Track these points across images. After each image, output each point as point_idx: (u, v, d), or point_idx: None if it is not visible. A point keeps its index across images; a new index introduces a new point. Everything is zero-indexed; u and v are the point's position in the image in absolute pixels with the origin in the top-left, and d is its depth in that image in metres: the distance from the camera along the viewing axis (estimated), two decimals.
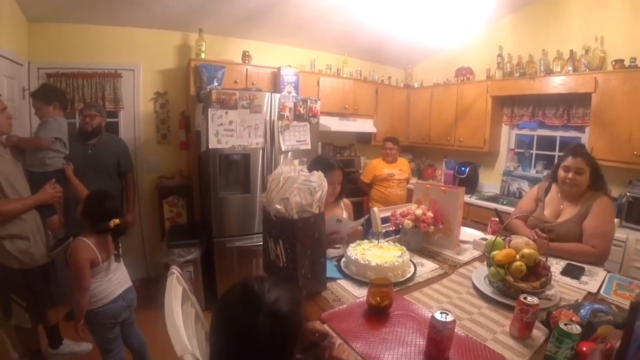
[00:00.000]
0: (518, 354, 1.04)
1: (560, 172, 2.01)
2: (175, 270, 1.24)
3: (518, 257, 1.38)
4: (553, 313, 1.13)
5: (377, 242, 1.79)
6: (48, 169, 2.33)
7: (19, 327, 2.11)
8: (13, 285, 2.04)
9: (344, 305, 1.31)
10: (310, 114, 3.26)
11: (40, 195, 2.08)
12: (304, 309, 0.89)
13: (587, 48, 3.29)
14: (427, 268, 1.70)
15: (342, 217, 2.00)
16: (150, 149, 3.62)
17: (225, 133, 2.86)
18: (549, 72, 3.53)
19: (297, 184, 1.33)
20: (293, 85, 3.61)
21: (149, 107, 3.58)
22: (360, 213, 2.25)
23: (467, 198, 3.80)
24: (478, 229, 2.35)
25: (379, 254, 1.62)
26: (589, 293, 1.47)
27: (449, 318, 0.98)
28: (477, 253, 1.92)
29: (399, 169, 4.19)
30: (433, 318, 1.00)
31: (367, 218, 2.16)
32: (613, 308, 1.15)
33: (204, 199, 3.31)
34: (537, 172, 3.92)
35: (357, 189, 4.34)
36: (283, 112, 3.09)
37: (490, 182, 4.37)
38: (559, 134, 3.82)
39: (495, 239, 1.50)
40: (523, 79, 3.72)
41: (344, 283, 1.50)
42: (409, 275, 1.55)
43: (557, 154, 3.82)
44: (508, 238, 1.56)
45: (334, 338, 0.98)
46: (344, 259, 1.65)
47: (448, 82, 4.59)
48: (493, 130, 4.12)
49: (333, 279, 1.52)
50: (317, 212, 1.35)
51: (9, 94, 2.67)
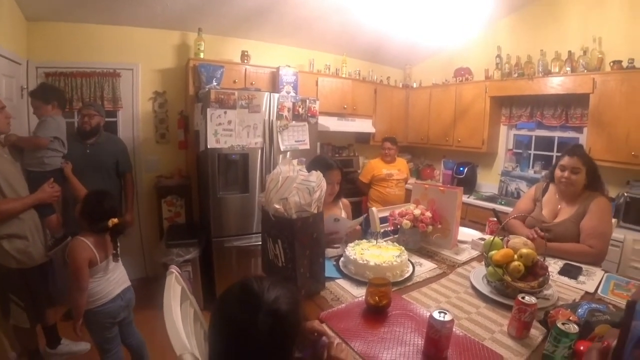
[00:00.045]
0: (516, 354, 1.05)
1: (557, 171, 2.02)
2: (174, 270, 1.24)
3: (516, 257, 1.39)
4: (551, 312, 1.13)
5: (375, 241, 1.79)
6: (46, 168, 2.33)
7: (17, 326, 2.10)
8: (11, 285, 2.03)
9: (343, 305, 1.31)
10: (309, 114, 3.26)
11: (39, 195, 2.08)
12: (303, 308, 0.89)
13: (585, 49, 3.30)
14: (425, 268, 1.70)
15: (340, 216, 2.01)
16: (149, 149, 3.62)
17: (224, 133, 2.86)
18: (547, 72, 3.54)
19: (296, 184, 1.33)
20: (292, 85, 3.61)
21: (148, 106, 3.57)
22: (359, 213, 2.25)
23: (465, 198, 3.80)
24: (476, 229, 2.35)
25: (378, 254, 1.62)
26: (587, 293, 1.47)
27: (447, 317, 0.99)
28: (475, 253, 1.92)
29: (398, 169, 4.18)
30: (431, 317, 1.00)
31: (365, 217, 2.16)
32: (610, 308, 1.15)
33: (203, 199, 3.31)
34: (535, 172, 3.93)
35: (355, 189, 4.34)
36: (282, 112, 3.09)
37: (489, 182, 4.37)
38: (557, 135, 3.83)
39: (494, 239, 1.51)
40: (521, 80, 3.73)
41: (343, 283, 1.51)
42: (408, 275, 1.55)
43: (555, 155, 3.83)
44: (506, 238, 1.57)
45: (332, 337, 0.98)
46: (343, 259, 1.65)
47: (447, 82, 4.60)
48: (491, 131, 4.13)
49: (332, 279, 1.53)
50: (315, 211, 1.35)
51: (7, 93, 2.67)
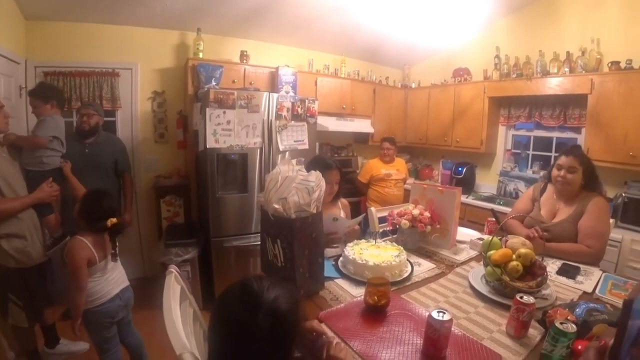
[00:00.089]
0: (514, 353, 1.05)
1: (554, 170, 2.04)
2: (174, 269, 1.24)
3: (514, 256, 1.39)
4: (549, 312, 1.14)
5: (374, 241, 1.79)
6: (45, 168, 2.33)
7: (16, 326, 2.10)
8: (10, 285, 2.02)
9: (342, 305, 1.32)
10: (308, 114, 3.26)
11: (38, 194, 2.07)
12: (302, 308, 0.89)
13: (583, 50, 3.31)
14: (424, 268, 1.70)
15: (338, 216, 2.01)
16: (148, 148, 3.61)
17: (223, 132, 2.86)
18: (546, 73, 3.55)
19: (295, 184, 1.33)
20: (291, 85, 3.62)
21: (147, 106, 3.57)
22: (358, 213, 2.24)
23: (463, 198, 3.80)
24: (475, 229, 2.35)
25: (377, 254, 1.62)
26: (585, 292, 1.48)
27: (446, 317, 0.99)
28: (473, 253, 1.93)
29: (396, 169, 4.19)
30: (430, 317, 1.01)
31: (363, 217, 2.17)
32: (608, 307, 1.16)
33: (202, 199, 3.31)
34: (533, 172, 3.94)
35: (354, 189, 4.34)
36: (281, 111, 3.09)
37: (487, 182, 4.38)
38: (556, 135, 3.85)
39: (492, 239, 1.52)
40: (520, 80, 3.74)
41: (342, 282, 1.51)
42: (406, 275, 1.56)
43: (553, 155, 3.84)
44: (504, 238, 1.58)
45: (331, 337, 0.99)
46: (342, 259, 1.66)
47: (445, 82, 4.60)
48: (490, 131, 4.13)
49: (331, 279, 1.53)
50: (315, 211, 1.36)
51: (6, 93, 2.66)
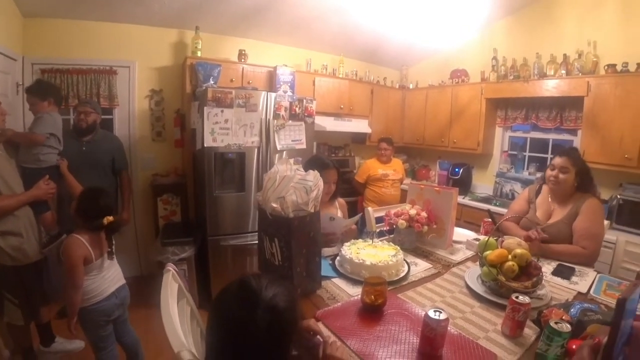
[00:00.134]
0: (510, 352, 1.06)
1: (548, 170, 2.06)
2: (171, 268, 1.24)
3: (510, 257, 1.40)
4: (544, 312, 1.15)
5: (371, 241, 1.80)
6: (42, 165, 2.31)
7: (11, 324, 2.09)
8: (5, 282, 2.02)
9: (339, 304, 1.32)
10: (306, 114, 3.26)
11: (34, 192, 2.06)
12: (300, 306, 0.90)
13: (580, 52, 3.33)
14: (420, 267, 1.71)
15: (335, 215, 2.01)
16: (145, 147, 3.60)
17: (221, 131, 2.86)
18: (543, 75, 3.57)
19: (293, 183, 1.34)
20: (289, 85, 3.62)
21: (144, 104, 3.56)
22: (355, 213, 2.25)
23: (460, 199, 3.82)
24: (471, 230, 2.36)
25: (373, 253, 1.63)
26: (579, 293, 1.49)
27: (442, 316, 1.00)
28: (470, 253, 1.94)
29: (393, 170, 4.20)
30: (427, 316, 1.01)
31: (360, 217, 2.17)
32: (602, 307, 1.17)
33: (199, 197, 3.30)
34: (529, 174, 3.96)
35: (351, 189, 4.35)
36: (279, 111, 3.09)
37: (484, 183, 4.40)
38: (552, 137, 3.87)
39: (488, 239, 1.52)
40: (517, 82, 3.75)
41: (339, 282, 1.51)
42: (403, 275, 1.56)
43: (549, 157, 3.86)
44: (500, 238, 1.59)
45: (327, 337, 0.99)
46: (339, 258, 1.66)
47: (443, 83, 4.62)
48: (487, 132, 4.15)
49: (328, 278, 1.53)
50: (312, 211, 1.36)
51: (3, 90, 2.66)
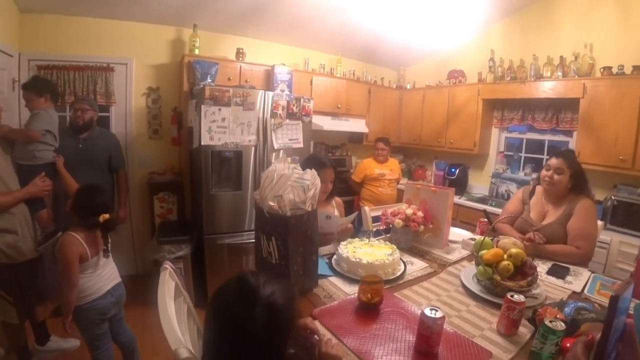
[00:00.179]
0: (505, 350, 1.07)
1: (543, 170, 2.08)
2: (168, 266, 1.24)
3: (505, 256, 1.42)
4: (539, 311, 1.16)
5: (367, 240, 1.81)
6: (38, 162, 2.30)
7: (6, 322, 2.07)
8: (0, 280, 2.00)
9: (335, 302, 1.33)
10: (303, 113, 3.26)
11: (30, 189, 2.05)
12: (298, 304, 0.90)
13: (576, 54, 3.36)
14: (416, 266, 1.72)
15: (332, 213, 2.02)
16: (142, 145, 3.59)
17: (218, 130, 2.85)
18: (539, 77, 3.59)
19: (290, 182, 1.34)
20: (286, 84, 3.61)
21: (141, 102, 3.54)
22: (351, 212, 2.25)
23: (456, 199, 3.83)
24: (467, 230, 2.38)
25: (370, 252, 1.64)
26: (574, 292, 1.51)
27: (439, 314, 1.01)
28: (465, 252, 1.95)
29: (390, 169, 4.21)
30: (423, 314, 1.02)
31: (357, 216, 2.18)
32: (596, 306, 1.19)
33: (195, 196, 3.30)
34: (525, 174, 3.98)
35: (348, 188, 4.36)
36: (276, 110, 3.09)
37: (480, 183, 4.42)
38: (548, 138, 3.89)
39: (484, 239, 1.54)
40: (514, 83, 3.77)
41: (335, 280, 1.52)
42: (399, 273, 1.57)
43: (545, 157, 3.88)
44: (496, 238, 1.60)
45: (322, 335, 0.99)
46: (335, 257, 1.67)
47: (440, 84, 4.63)
48: (483, 133, 4.17)
49: (324, 276, 1.54)
50: (310, 209, 1.37)
51: None
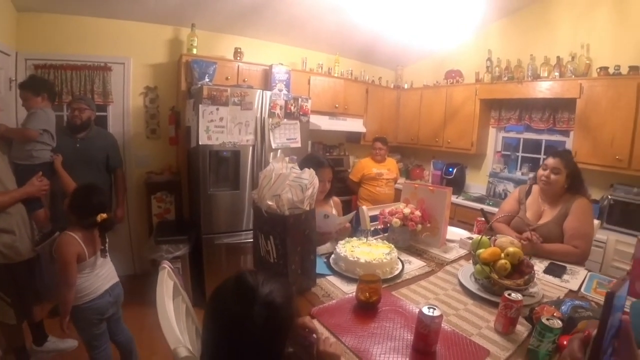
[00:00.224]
0: (502, 348, 1.08)
1: (540, 170, 2.09)
2: (167, 265, 1.24)
3: (503, 255, 1.42)
4: (536, 309, 1.16)
5: (365, 239, 1.81)
6: (35, 162, 2.29)
7: (3, 323, 2.06)
8: None
9: (334, 301, 1.33)
10: (301, 113, 3.26)
11: (27, 189, 2.04)
12: (296, 302, 0.90)
13: (573, 55, 3.37)
14: (414, 265, 1.73)
15: (330, 213, 2.02)
16: (139, 144, 3.58)
17: (216, 129, 2.85)
18: (536, 77, 3.61)
19: (288, 181, 1.34)
20: (284, 83, 3.61)
21: (139, 101, 3.53)
22: (349, 211, 2.25)
23: (454, 198, 3.85)
24: (464, 229, 2.38)
25: (368, 251, 1.64)
26: (570, 291, 1.52)
27: (436, 313, 1.01)
28: (463, 251, 1.96)
29: (387, 169, 4.22)
30: (421, 313, 1.02)
31: (355, 215, 2.18)
32: (593, 305, 1.20)
33: (193, 195, 3.29)
34: (522, 174, 4.00)
35: (345, 188, 4.36)
36: (274, 109, 3.08)
37: (477, 183, 4.43)
38: (545, 138, 3.91)
39: (481, 238, 1.54)
40: (511, 83, 3.79)
41: (333, 279, 1.52)
42: (397, 272, 1.58)
43: (542, 157, 3.90)
44: (493, 237, 1.61)
45: (320, 334, 1.00)
46: (333, 256, 1.67)
47: (438, 84, 4.64)
48: (480, 133, 4.18)
49: (322, 275, 1.54)
50: (308, 208, 1.37)
51: None
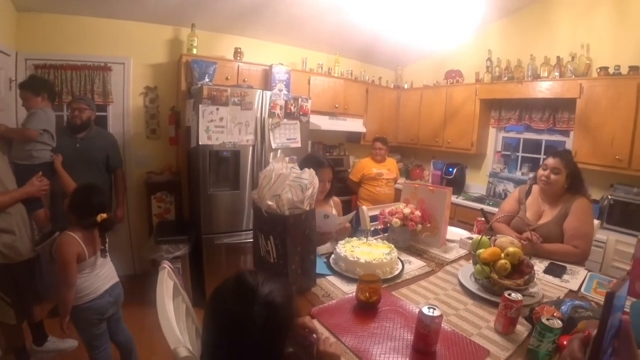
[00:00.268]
0: (502, 348, 1.08)
1: (540, 170, 2.09)
2: (167, 265, 1.24)
3: (503, 255, 1.42)
4: (536, 309, 1.16)
5: (365, 239, 1.81)
6: (35, 162, 2.29)
7: (3, 323, 2.06)
8: None
9: (334, 301, 1.33)
10: (301, 112, 3.26)
11: (27, 189, 2.04)
12: (296, 302, 0.90)
13: (573, 55, 3.37)
14: (414, 265, 1.73)
15: (330, 213, 2.02)
16: (139, 144, 3.58)
17: (216, 129, 2.85)
18: (536, 77, 3.61)
19: (288, 181, 1.34)
20: (284, 83, 3.61)
21: (139, 101, 3.53)
22: (349, 211, 2.26)
23: (454, 198, 3.85)
24: (464, 229, 2.38)
25: (368, 251, 1.64)
26: (570, 291, 1.52)
27: (436, 313, 1.01)
28: (463, 252, 1.96)
29: (388, 169, 4.22)
30: (421, 312, 1.02)
31: (355, 215, 2.18)
32: (593, 305, 1.19)
33: (193, 195, 3.29)
34: (522, 174, 4.00)
35: (345, 188, 4.36)
36: (274, 109, 3.08)
37: (477, 183, 4.43)
38: (545, 138, 3.91)
39: (481, 238, 1.54)
40: (511, 83, 3.79)
41: (333, 279, 1.52)
42: (397, 272, 1.58)
43: (542, 157, 3.90)
44: (493, 237, 1.61)
45: (320, 334, 1.00)
46: (333, 256, 1.67)
47: (438, 84, 4.64)
48: (480, 133, 4.18)
49: (322, 275, 1.54)
50: (308, 208, 1.37)
51: None
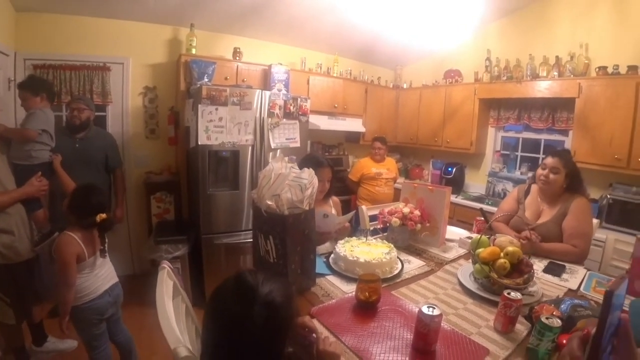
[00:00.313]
0: (502, 347, 1.08)
1: (539, 169, 2.09)
2: (166, 265, 1.24)
3: (502, 254, 1.43)
4: (535, 308, 1.17)
5: (365, 239, 1.81)
6: (34, 162, 2.28)
7: (3, 323, 2.06)
8: None
9: (333, 301, 1.33)
10: (300, 112, 3.26)
11: (26, 189, 2.04)
12: (296, 302, 0.90)
13: (572, 54, 3.38)
14: (414, 265, 1.73)
15: (329, 212, 2.02)
16: (139, 144, 3.58)
17: (215, 129, 2.85)
18: (535, 76, 3.61)
19: (288, 181, 1.34)
20: (283, 83, 3.61)
21: (138, 101, 3.53)
22: (348, 211, 2.26)
23: (453, 198, 3.85)
24: (464, 228, 2.39)
25: (367, 251, 1.64)
26: (570, 290, 1.52)
27: (436, 312, 1.01)
28: (462, 251, 1.96)
29: (387, 168, 4.22)
30: (420, 312, 1.02)
31: (354, 214, 2.18)
32: (592, 303, 1.20)
33: (192, 195, 3.29)
34: (521, 173, 4.01)
35: (345, 188, 4.36)
36: (273, 109, 3.08)
37: (476, 182, 4.44)
38: (544, 137, 3.92)
39: (481, 237, 1.54)
40: (510, 83, 3.79)
41: (333, 279, 1.52)
42: (397, 272, 1.58)
43: (541, 157, 3.90)
44: (492, 237, 1.61)
45: (320, 334, 1.00)
46: (333, 256, 1.67)
47: (437, 83, 4.65)
48: (480, 132, 4.19)
49: (322, 275, 1.54)
50: (307, 208, 1.37)
51: None
